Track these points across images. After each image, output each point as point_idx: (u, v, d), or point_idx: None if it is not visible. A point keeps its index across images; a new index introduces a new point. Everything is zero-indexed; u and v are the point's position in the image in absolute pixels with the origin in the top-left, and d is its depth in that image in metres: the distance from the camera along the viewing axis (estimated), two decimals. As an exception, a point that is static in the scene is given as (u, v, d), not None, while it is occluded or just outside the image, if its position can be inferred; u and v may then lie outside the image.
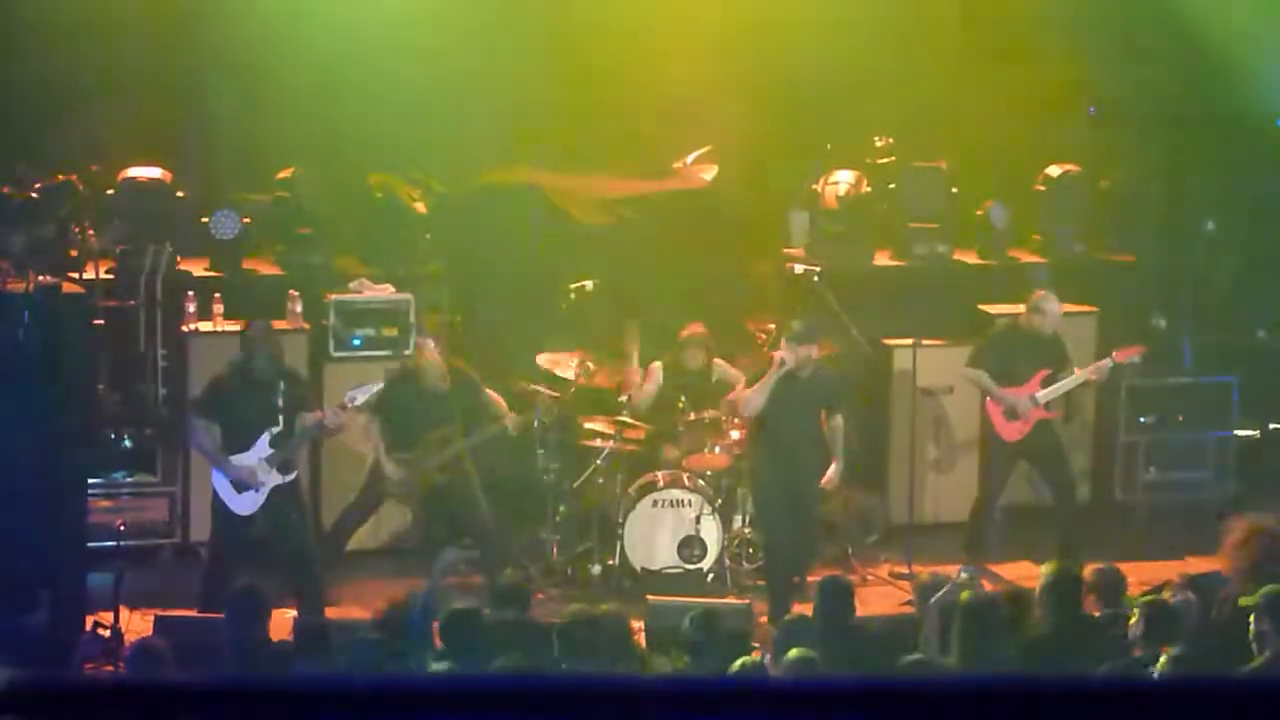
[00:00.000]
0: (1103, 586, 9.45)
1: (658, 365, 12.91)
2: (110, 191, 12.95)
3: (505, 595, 9.52)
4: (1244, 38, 14.89)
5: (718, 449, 12.55)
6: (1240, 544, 9.71)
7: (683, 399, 12.63)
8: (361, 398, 11.43)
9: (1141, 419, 14.02)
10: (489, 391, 12.33)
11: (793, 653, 8.67)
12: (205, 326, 12.66)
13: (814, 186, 14.26)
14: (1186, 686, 3.04)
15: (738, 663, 8.73)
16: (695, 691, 3.03)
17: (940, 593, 9.19)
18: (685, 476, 12.43)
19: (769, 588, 11.89)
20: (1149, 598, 9.26)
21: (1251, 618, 8.79)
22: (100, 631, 10.47)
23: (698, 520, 12.26)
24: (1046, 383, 12.72)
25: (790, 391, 11.75)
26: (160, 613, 10.44)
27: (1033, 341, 12.77)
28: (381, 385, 11.75)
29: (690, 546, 12.28)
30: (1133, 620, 8.88)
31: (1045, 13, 14.58)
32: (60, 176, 12.55)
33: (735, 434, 12.59)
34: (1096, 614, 9.35)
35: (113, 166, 13.07)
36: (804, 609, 10.10)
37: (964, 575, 9.19)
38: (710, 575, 12.33)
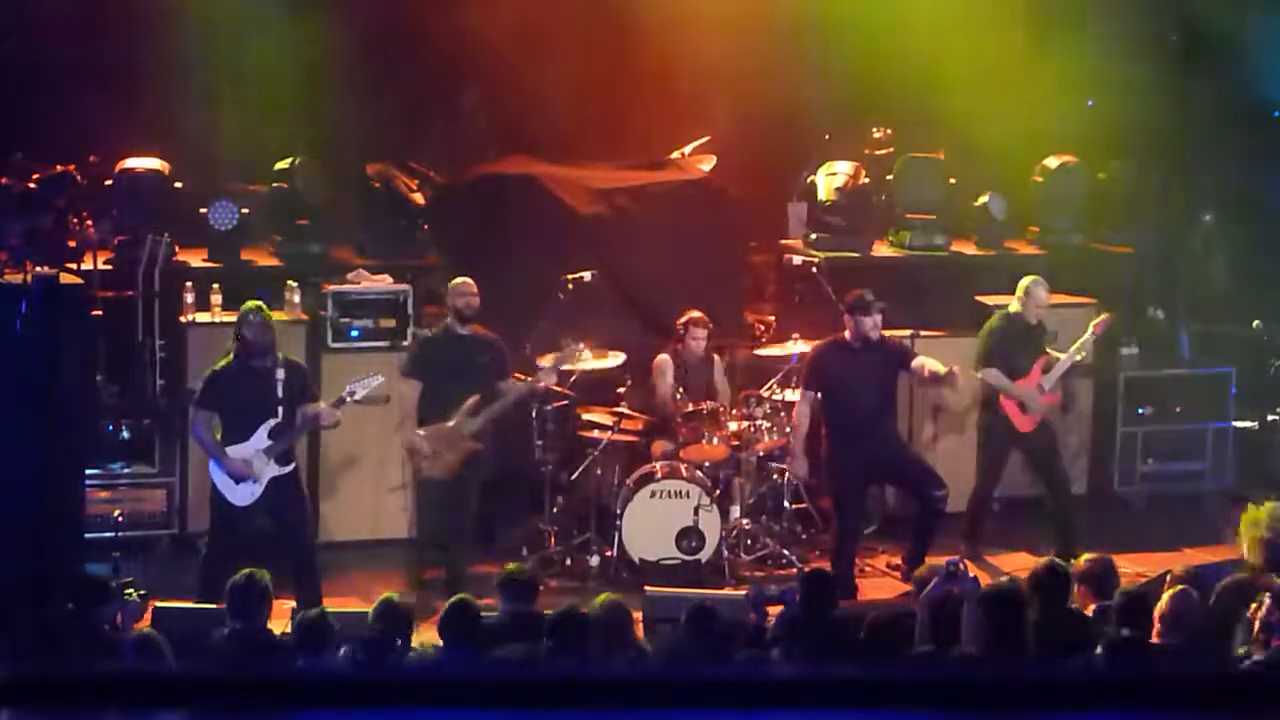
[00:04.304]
0: (1093, 578, 9.43)
1: (664, 358, 12.88)
2: (108, 182, 12.94)
3: (515, 587, 9.46)
4: (1243, 28, 14.90)
5: (715, 440, 12.55)
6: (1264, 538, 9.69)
7: (681, 390, 12.64)
8: (361, 391, 11.40)
9: (1139, 410, 14.05)
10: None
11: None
12: (203, 317, 12.66)
13: (812, 177, 14.27)
14: (1180, 678, 3.04)
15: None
16: (694, 682, 3.03)
17: (929, 586, 9.17)
18: (683, 468, 12.43)
19: None
20: (1127, 589, 9.26)
21: (1261, 607, 8.75)
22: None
23: (696, 512, 12.25)
24: (1045, 368, 12.76)
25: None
26: (158, 603, 10.43)
27: (1028, 331, 12.78)
28: (381, 379, 11.72)
29: (689, 538, 12.28)
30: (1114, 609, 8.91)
31: (1044, 4, 14.61)
32: (58, 167, 12.55)
33: (734, 426, 12.60)
34: (1091, 605, 9.33)
35: (111, 157, 13.06)
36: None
37: (949, 568, 9.15)
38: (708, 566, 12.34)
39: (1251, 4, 15.05)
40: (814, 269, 13.50)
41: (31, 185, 12.36)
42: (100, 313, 12.19)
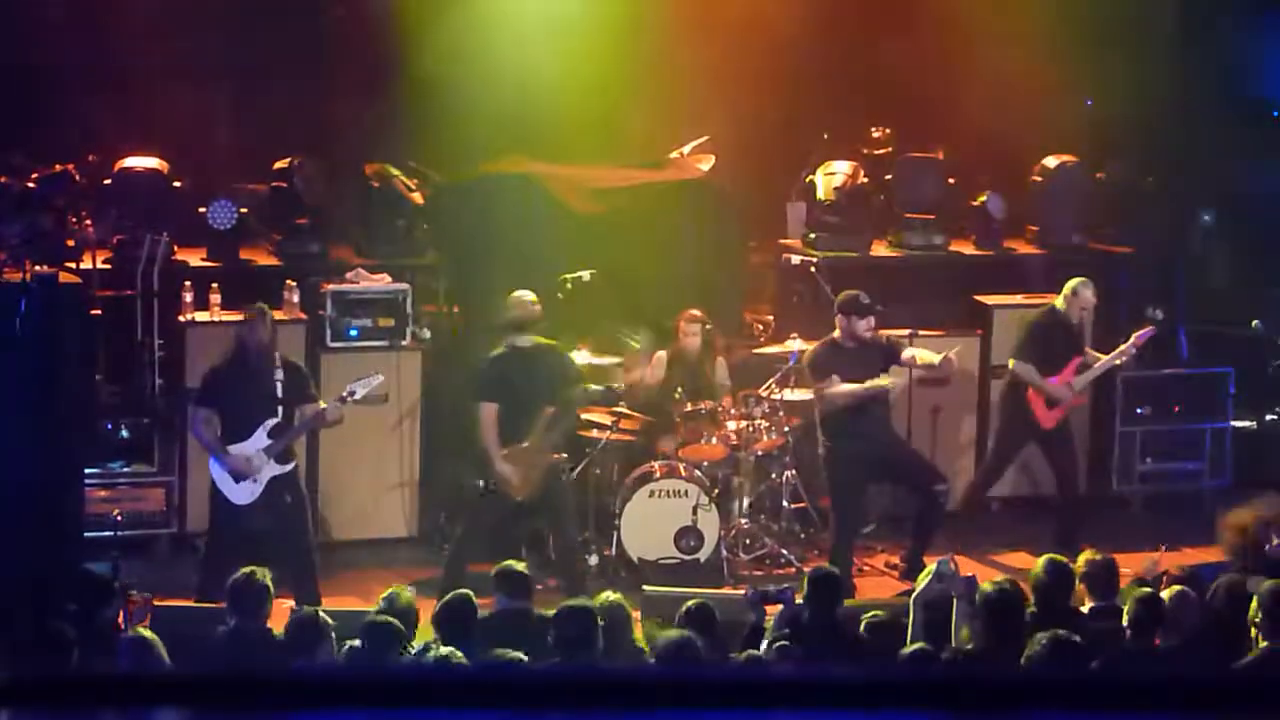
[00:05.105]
0: (1094, 577, 9.43)
1: (662, 355, 12.90)
2: (107, 181, 12.95)
3: (510, 581, 9.45)
4: (1242, 28, 14.91)
5: (714, 440, 12.56)
6: (1238, 530, 9.74)
7: (679, 390, 12.64)
8: (361, 390, 11.40)
9: (1138, 409, 14.05)
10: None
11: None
12: (202, 316, 12.65)
13: (811, 177, 14.28)
14: (1183, 679, 3.04)
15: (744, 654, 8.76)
16: (693, 682, 3.04)
17: (921, 587, 9.17)
18: (682, 467, 12.44)
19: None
20: (1142, 590, 9.24)
21: (1255, 606, 8.77)
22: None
23: (695, 511, 12.26)
24: (1079, 369, 12.83)
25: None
26: (157, 603, 10.42)
27: (1068, 329, 12.87)
28: (381, 378, 11.71)
29: (687, 537, 12.29)
30: (1125, 611, 8.89)
31: (1043, 2, 14.60)
32: (57, 166, 12.55)
33: (733, 425, 12.60)
34: (1089, 605, 9.33)
35: (110, 157, 13.07)
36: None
37: (941, 567, 9.16)
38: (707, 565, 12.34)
39: (1251, 3, 15.06)
40: (812, 269, 13.50)
41: (31, 185, 12.36)
42: (100, 312, 12.19)
